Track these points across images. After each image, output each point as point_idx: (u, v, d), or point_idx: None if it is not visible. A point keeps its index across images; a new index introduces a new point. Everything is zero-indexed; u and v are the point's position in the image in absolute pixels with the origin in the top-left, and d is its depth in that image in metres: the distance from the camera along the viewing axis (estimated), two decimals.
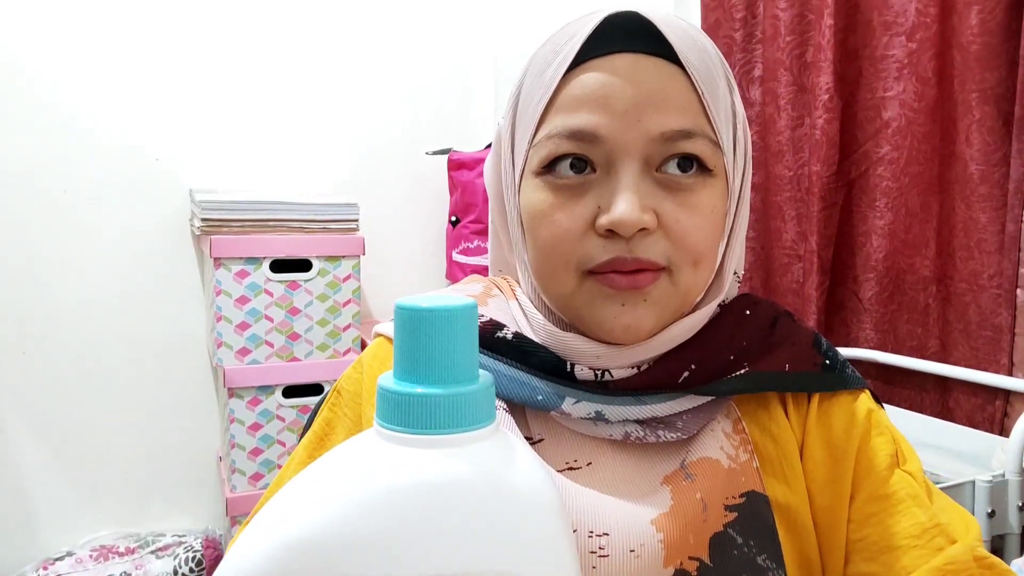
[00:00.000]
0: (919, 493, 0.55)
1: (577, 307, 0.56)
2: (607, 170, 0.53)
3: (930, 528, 0.54)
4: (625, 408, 0.56)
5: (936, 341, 1.46)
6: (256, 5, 1.94)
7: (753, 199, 1.73)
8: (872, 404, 0.60)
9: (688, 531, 0.52)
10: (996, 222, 1.32)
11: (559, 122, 0.54)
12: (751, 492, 0.55)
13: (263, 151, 1.97)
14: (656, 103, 0.53)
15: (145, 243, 1.86)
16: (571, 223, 0.53)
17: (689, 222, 0.53)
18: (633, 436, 0.56)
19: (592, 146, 0.53)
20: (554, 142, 0.54)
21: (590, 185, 0.54)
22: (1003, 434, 1.29)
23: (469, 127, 2.17)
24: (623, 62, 0.53)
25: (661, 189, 0.53)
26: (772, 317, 0.63)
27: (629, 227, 0.51)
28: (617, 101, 0.52)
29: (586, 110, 0.53)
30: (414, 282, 2.13)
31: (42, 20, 1.77)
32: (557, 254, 0.54)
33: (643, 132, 0.52)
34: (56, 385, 1.81)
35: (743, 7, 1.72)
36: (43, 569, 1.71)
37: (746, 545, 0.53)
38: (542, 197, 0.55)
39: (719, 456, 0.56)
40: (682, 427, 0.57)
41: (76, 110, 1.80)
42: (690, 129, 0.53)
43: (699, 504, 0.53)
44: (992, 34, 1.29)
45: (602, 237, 0.53)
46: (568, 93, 0.54)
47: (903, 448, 0.59)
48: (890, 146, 1.48)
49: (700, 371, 0.57)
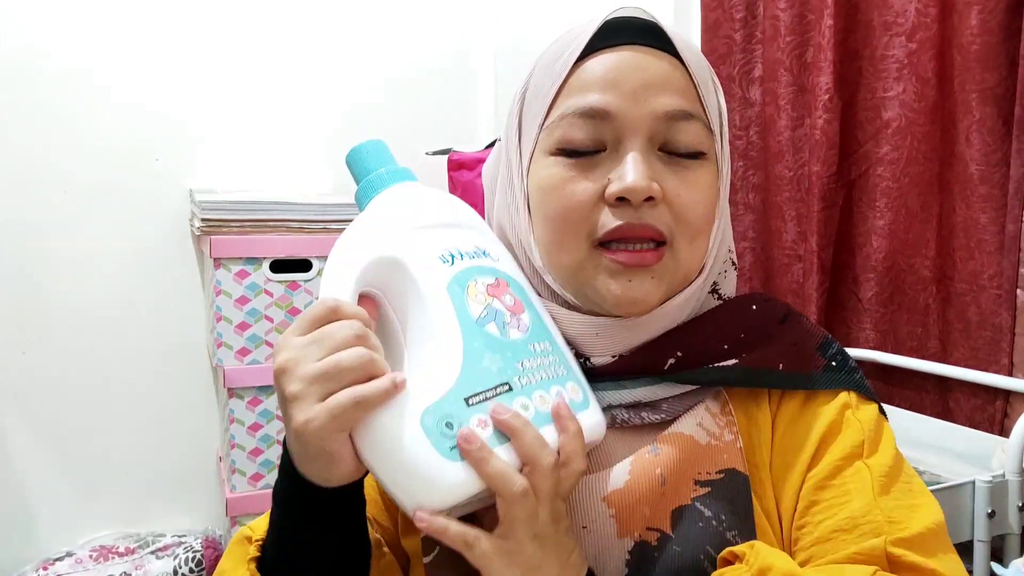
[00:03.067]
0: (866, 487, 0.55)
1: (585, 277, 0.59)
2: (615, 147, 0.58)
3: (862, 523, 0.54)
4: (607, 394, 0.59)
5: (936, 341, 1.46)
6: (256, 5, 1.94)
7: (753, 199, 1.73)
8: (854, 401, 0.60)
9: (642, 504, 0.55)
10: (996, 222, 1.32)
11: (572, 103, 0.59)
12: (731, 470, 0.57)
13: (263, 151, 1.97)
14: (660, 86, 0.58)
15: (145, 243, 1.86)
16: (583, 194, 0.58)
17: (689, 197, 0.59)
18: (619, 419, 0.59)
19: (603, 124, 0.58)
20: (567, 121, 0.59)
21: (600, 161, 0.59)
22: (1003, 434, 1.29)
23: (469, 127, 2.17)
24: (629, 52, 0.59)
25: (664, 165, 0.59)
26: (783, 314, 0.64)
27: (639, 193, 0.56)
28: (625, 83, 0.58)
29: (597, 90, 0.58)
30: None
31: (41, 20, 1.77)
32: (569, 223, 0.58)
33: (649, 111, 0.58)
34: (56, 385, 1.81)
35: (743, 7, 1.72)
36: (43, 569, 1.71)
37: (715, 519, 0.55)
38: (555, 172, 0.59)
39: (694, 432, 0.58)
40: (667, 409, 0.60)
41: (76, 110, 1.80)
42: (690, 111, 0.59)
43: (657, 478, 0.56)
44: (992, 34, 1.29)
45: (612, 207, 0.57)
46: (579, 78, 0.59)
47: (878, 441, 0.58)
48: (890, 146, 1.48)
49: (687, 358, 0.59)
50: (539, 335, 0.54)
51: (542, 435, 0.49)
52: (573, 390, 0.54)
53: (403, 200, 0.57)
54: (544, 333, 0.55)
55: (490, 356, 0.51)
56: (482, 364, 0.50)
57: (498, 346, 0.51)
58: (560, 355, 0.55)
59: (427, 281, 0.52)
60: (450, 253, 0.54)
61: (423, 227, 0.55)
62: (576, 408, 0.53)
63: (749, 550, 0.52)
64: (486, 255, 0.56)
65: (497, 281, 0.55)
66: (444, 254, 0.53)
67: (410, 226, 0.54)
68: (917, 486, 0.57)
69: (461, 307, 0.51)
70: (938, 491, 1.12)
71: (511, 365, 0.51)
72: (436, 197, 0.58)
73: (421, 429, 0.47)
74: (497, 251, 0.58)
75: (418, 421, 0.47)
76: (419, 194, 0.58)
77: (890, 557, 0.52)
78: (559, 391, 0.52)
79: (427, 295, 0.51)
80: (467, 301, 0.52)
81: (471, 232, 0.57)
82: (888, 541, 0.52)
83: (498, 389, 0.50)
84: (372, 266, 0.52)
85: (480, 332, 0.51)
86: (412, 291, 0.52)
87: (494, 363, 0.50)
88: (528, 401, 0.50)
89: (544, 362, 0.53)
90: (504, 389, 0.50)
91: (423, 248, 0.53)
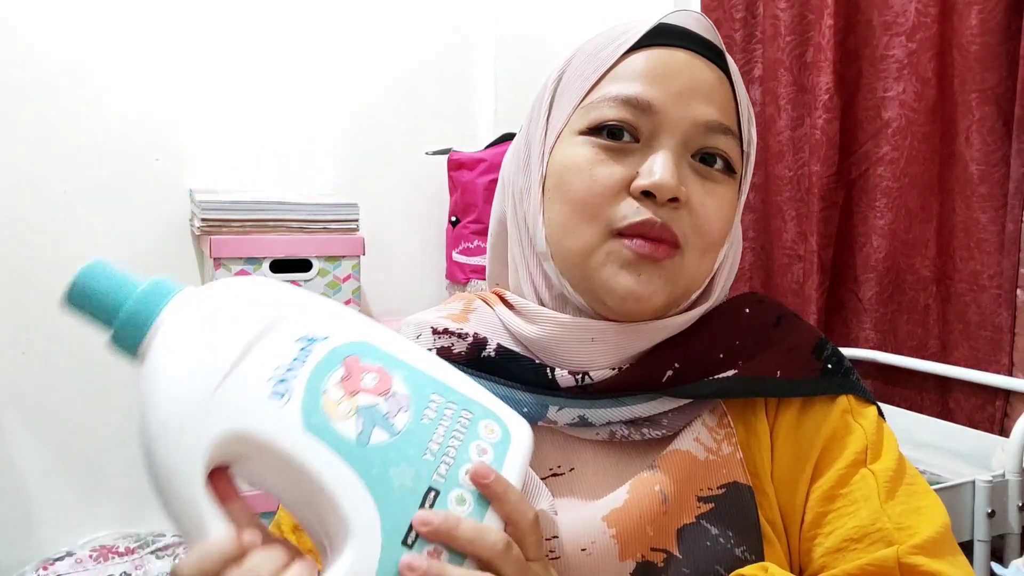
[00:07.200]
0: (872, 495, 0.55)
1: (594, 265, 0.57)
2: (648, 142, 0.57)
3: (871, 532, 0.53)
4: (607, 411, 0.57)
5: (936, 341, 1.46)
6: (256, 6, 1.94)
7: (753, 199, 1.73)
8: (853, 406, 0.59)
9: (644, 524, 0.53)
10: (996, 222, 1.32)
11: (614, 88, 0.57)
12: (733, 483, 0.55)
13: (263, 151, 1.97)
14: (706, 94, 0.58)
15: (145, 243, 1.86)
16: (609, 179, 0.56)
17: (712, 208, 0.58)
18: (619, 435, 0.58)
19: (642, 115, 0.57)
20: (607, 104, 0.57)
21: (630, 152, 0.57)
22: (1003, 434, 1.29)
23: (469, 127, 2.17)
24: (682, 53, 0.58)
25: (692, 172, 0.58)
26: (776, 316, 0.63)
27: (667, 191, 0.55)
28: (674, 81, 0.57)
29: (645, 82, 0.57)
30: (414, 282, 2.13)
31: (41, 21, 1.77)
32: (588, 207, 0.57)
33: (691, 115, 0.57)
34: (56, 385, 1.81)
35: (743, 7, 1.72)
36: (43, 569, 1.71)
37: (723, 536, 0.54)
38: (582, 152, 0.58)
39: (693, 448, 0.56)
40: (667, 424, 0.58)
41: (76, 110, 1.80)
42: (729, 126, 0.58)
43: (657, 496, 0.54)
44: (992, 34, 1.29)
45: (636, 200, 0.56)
46: (627, 67, 0.58)
47: (880, 446, 0.58)
48: (890, 146, 1.48)
49: (684, 371, 0.58)
50: (422, 394, 0.45)
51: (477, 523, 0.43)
52: (489, 430, 0.46)
53: (186, 335, 0.43)
54: (425, 385, 0.46)
55: (395, 471, 0.42)
56: (394, 490, 0.41)
57: (395, 452, 0.42)
58: (453, 394, 0.46)
59: (281, 440, 0.41)
60: (280, 380, 0.42)
61: (231, 365, 0.42)
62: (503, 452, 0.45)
63: (763, 573, 0.51)
64: (313, 341, 0.44)
65: (346, 368, 0.44)
66: (275, 388, 0.42)
67: (215, 375, 0.41)
68: (921, 487, 0.57)
69: (334, 440, 0.41)
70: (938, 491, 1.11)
71: (420, 462, 0.42)
72: (220, 302, 0.44)
73: None
74: (320, 315, 0.46)
75: None
76: (199, 313, 0.43)
77: (903, 567, 0.51)
78: (478, 448, 0.45)
79: (291, 456, 0.41)
80: (335, 428, 0.42)
81: (285, 324, 0.44)
82: (900, 551, 0.52)
83: (424, 503, 0.42)
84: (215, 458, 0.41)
85: (368, 453, 0.42)
86: (272, 459, 0.41)
87: (405, 477, 0.42)
88: (459, 489, 0.43)
89: (446, 425, 0.44)
90: (432, 497, 0.42)
91: (248, 398, 0.41)
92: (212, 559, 0.40)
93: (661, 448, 0.58)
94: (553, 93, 0.62)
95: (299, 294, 0.47)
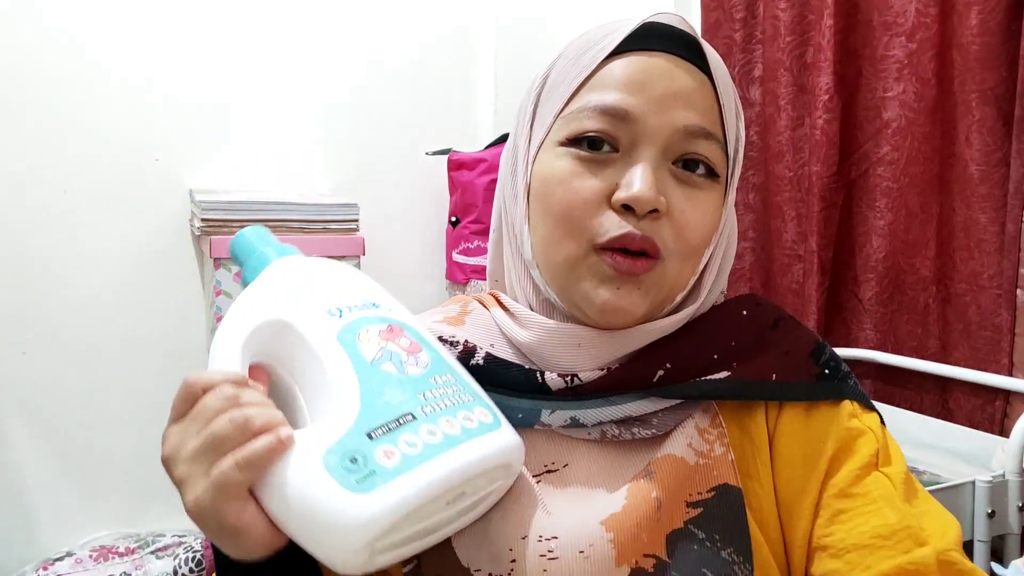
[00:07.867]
0: (892, 495, 0.55)
1: (575, 277, 0.57)
2: (628, 152, 0.57)
3: (899, 530, 0.53)
4: (597, 411, 0.58)
5: (936, 341, 1.46)
6: (255, 6, 1.94)
7: (753, 199, 1.73)
8: (858, 410, 0.60)
9: (640, 529, 0.53)
10: (996, 222, 1.32)
11: (594, 98, 0.57)
12: (723, 486, 0.56)
13: (263, 151, 1.97)
14: (686, 99, 0.57)
15: (145, 243, 1.86)
16: (589, 192, 0.56)
17: (692, 215, 0.57)
18: (609, 434, 0.58)
19: (621, 125, 0.57)
20: (585, 115, 0.57)
21: (610, 162, 0.57)
22: (1003, 434, 1.29)
23: (469, 127, 2.17)
24: (661, 59, 0.58)
25: (673, 179, 0.57)
26: (774, 319, 0.63)
27: (645, 204, 0.55)
28: (653, 88, 0.57)
29: (623, 90, 0.57)
30: (414, 282, 2.13)
31: (40, 20, 1.77)
32: (569, 219, 0.57)
33: (670, 121, 0.56)
34: (56, 385, 1.81)
35: (743, 7, 1.72)
36: (43, 569, 1.71)
37: (709, 540, 0.54)
38: (562, 164, 0.58)
39: (684, 453, 0.57)
40: (657, 424, 0.58)
41: (76, 110, 1.80)
42: (711, 131, 0.58)
43: (654, 502, 0.54)
44: (992, 34, 1.29)
45: (616, 212, 0.56)
46: (606, 74, 0.58)
47: (889, 451, 0.58)
48: (890, 146, 1.48)
49: (676, 371, 0.58)
50: (440, 370, 0.52)
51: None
52: (482, 413, 0.51)
53: (287, 270, 0.56)
54: (445, 367, 0.53)
55: (390, 391, 0.49)
56: (382, 399, 0.48)
57: (397, 382, 0.50)
58: (465, 385, 0.53)
59: (315, 335, 0.51)
60: (337, 308, 0.52)
61: (308, 289, 0.54)
62: (486, 430, 0.50)
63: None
64: (376, 306, 0.54)
65: (390, 327, 0.53)
66: (331, 309, 0.52)
67: (294, 289, 0.54)
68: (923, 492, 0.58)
69: (354, 352, 0.50)
70: (938, 491, 1.12)
71: (413, 397, 0.49)
72: (321, 264, 0.57)
73: (324, 470, 0.45)
74: (389, 303, 0.56)
75: (320, 463, 0.45)
76: (303, 264, 0.57)
77: (942, 563, 0.52)
78: (466, 415, 0.50)
79: (317, 347, 0.50)
80: (359, 346, 0.50)
81: (360, 289, 0.56)
82: (938, 548, 0.52)
83: (400, 420, 0.47)
84: (257, 332, 0.51)
85: (376, 371, 0.49)
86: (302, 348, 0.50)
87: (395, 397, 0.49)
88: (434, 427, 0.48)
89: (448, 391, 0.51)
90: (408, 419, 0.48)
91: (308, 307, 0.52)
92: (219, 377, 0.47)
93: (652, 447, 0.58)
94: (536, 99, 0.62)
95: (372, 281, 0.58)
